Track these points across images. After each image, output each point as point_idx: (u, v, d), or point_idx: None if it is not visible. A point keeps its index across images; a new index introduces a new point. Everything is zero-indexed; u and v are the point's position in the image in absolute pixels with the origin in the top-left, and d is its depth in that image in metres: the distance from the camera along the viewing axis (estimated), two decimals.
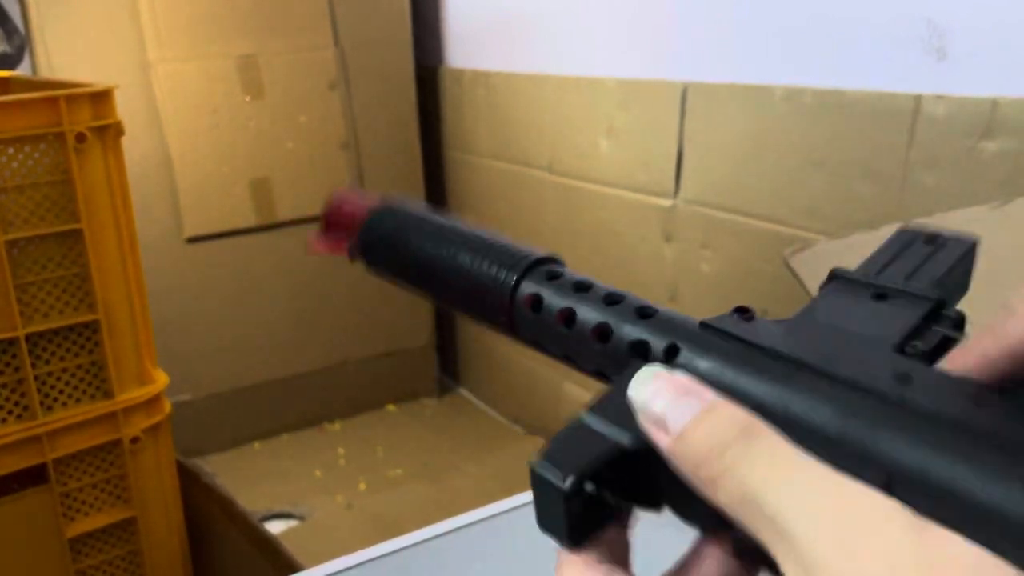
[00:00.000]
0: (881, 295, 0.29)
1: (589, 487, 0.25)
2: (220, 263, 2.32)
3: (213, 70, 2.22)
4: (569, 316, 0.32)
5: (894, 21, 1.36)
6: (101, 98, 1.13)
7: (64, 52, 2.05)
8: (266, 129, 2.30)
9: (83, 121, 1.11)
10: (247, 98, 2.27)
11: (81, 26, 2.06)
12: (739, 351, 0.27)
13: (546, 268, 0.34)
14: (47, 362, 1.16)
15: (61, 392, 1.18)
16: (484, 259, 0.34)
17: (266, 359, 2.44)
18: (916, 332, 0.27)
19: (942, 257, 0.31)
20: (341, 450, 2.43)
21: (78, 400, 1.19)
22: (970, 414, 0.23)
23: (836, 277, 0.31)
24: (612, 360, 0.31)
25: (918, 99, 1.32)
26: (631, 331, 0.30)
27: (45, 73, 2.04)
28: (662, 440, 0.23)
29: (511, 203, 2.37)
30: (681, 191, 1.77)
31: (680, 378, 0.24)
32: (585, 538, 0.26)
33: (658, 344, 0.30)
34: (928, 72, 1.32)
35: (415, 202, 0.39)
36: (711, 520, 0.24)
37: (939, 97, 1.30)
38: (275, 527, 2.05)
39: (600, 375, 0.32)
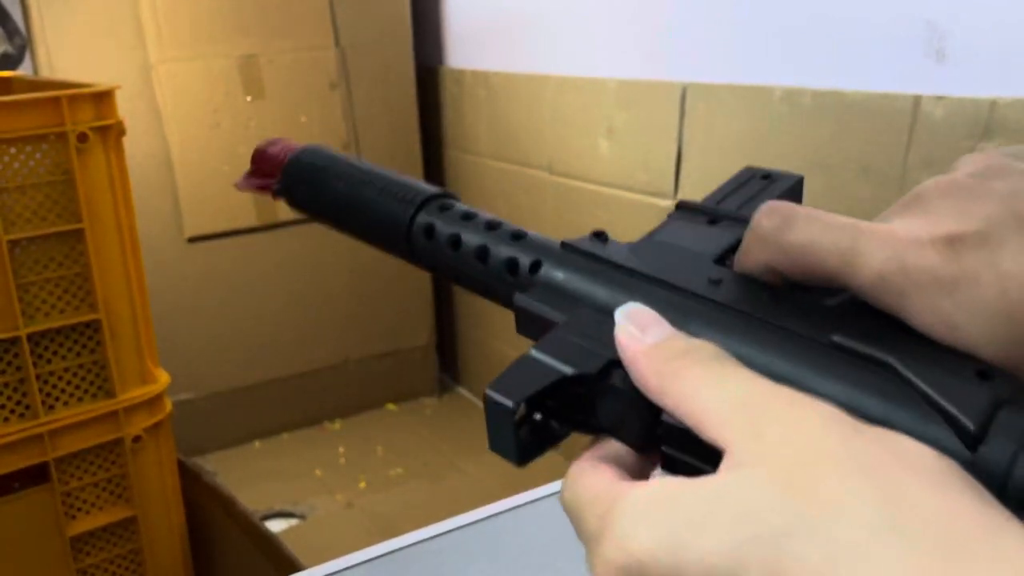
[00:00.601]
0: (713, 220, 0.35)
1: (535, 414, 0.29)
2: (221, 263, 2.32)
3: (214, 70, 2.22)
4: (455, 241, 0.37)
5: (893, 22, 1.36)
6: (103, 98, 1.14)
7: (65, 52, 2.05)
8: (267, 129, 2.30)
9: (85, 121, 1.12)
10: (248, 98, 2.27)
11: (82, 26, 2.07)
12: (589, 265, 0.33)
13: (440, 202, 0.39)
14: (49, 361, 1.17)
15: (63, 391, 1.18)
16: (388, 195, 0.39)
17: (267, 358, 2.44)
18: (735, 248, 0.32)
19: (772, 189, 0.36)
20: (341, 449, 2.43)
21: (79, 399, 1.20)
22: (767, 309, 0.29)
23: (680, 206, 0.37)
24: (492, 277, 0.36)
25: (917, 100, 1.33)
26: (505, 251, 0.36)
27: (46, 73, 2.04)
28: (634, 347, 0.28)
29: (511, 203, 2.37)
30: (680, 191, 1.77)
31: (654, 314, 0.29)
32: (531, 457, 0.30)
33: (525, 261, 0.35)
34: (927, 73, 1.32)
35: (332, 149, 0.43)
36: (642, 436, 0.28)
37: (938, 98, 1.30)
38: (275, 526, 2.06)
39: (484, 293, 0.37)
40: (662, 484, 0.24)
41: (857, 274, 0.27)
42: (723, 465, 0.24)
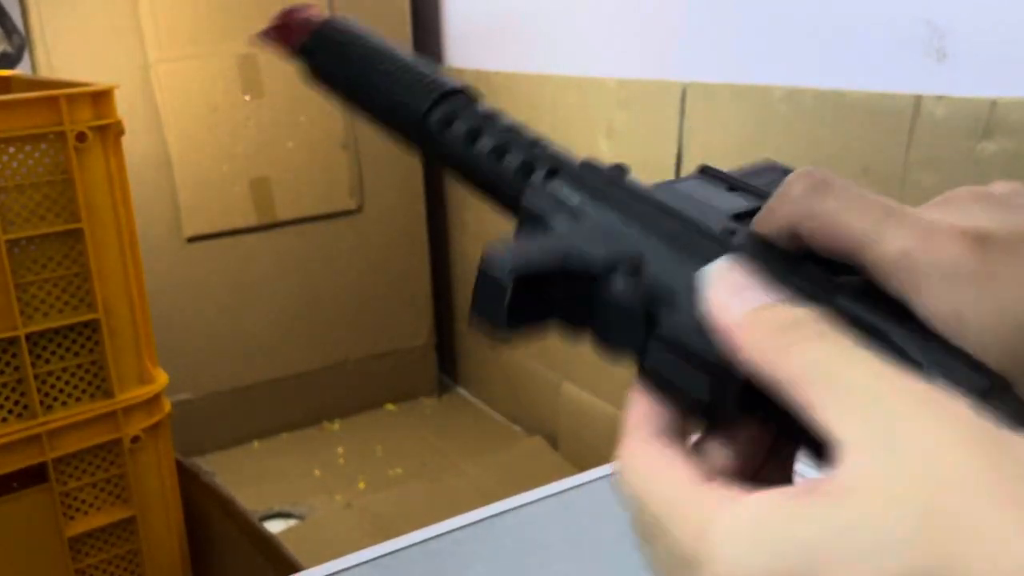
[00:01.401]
0: (733, 188, 0.34)
1: (528, 285, 0.28)
2: (220, 262, 2.32)
3: (213, 69, 2.22)
4: (473, 135, 0.37)
5: (894, 22, 1.36)
6: (101, 97, 1.14)
7: (64, 51, 2.05)
8: (266, 129, 2.30)
9: (83, 120, 1.12)
10: (247, 97, 2.27)
11: (81, 25, 2.06)
12: (606, 188, 0.32)
13: (463, 96, 0.39)
14: (47, 361, 1.16)
15: (61, 391, 1.18)
16: (413, 78, 0.39)
17: (266, 358, 2.44)
18: (751, 213, 0.31)
19: None
20: (340, 449, 2.43)
21: (78, 399, 1.20)
22: (775, 268, 0.27)
23: (704, 170, 0.35)
24: (503, 179, 0.35)
25: (918, 100, 1.32)
26: (522, 154, 0.35)
27: (45, 73, 2.04)
28: (728, 316, 0.26)
29: None
30: None
31: (748, 275, 0.27)
32: (518, 326, 0.29)
33: (542, 167, 0.34)
34: (928, 73, 1.32)
35: (365, 26, 0.44)
36: (638, 343, 0.28)
37: (939, 98, 1.30)
38: (274, 526, 2.06)
39: (491, 193, 0.36)
40: (770, 504, 0.22)
41: (880, 248, 0.26)
42: (844, 472, 0.21)
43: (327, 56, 0.43)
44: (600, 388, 2.14)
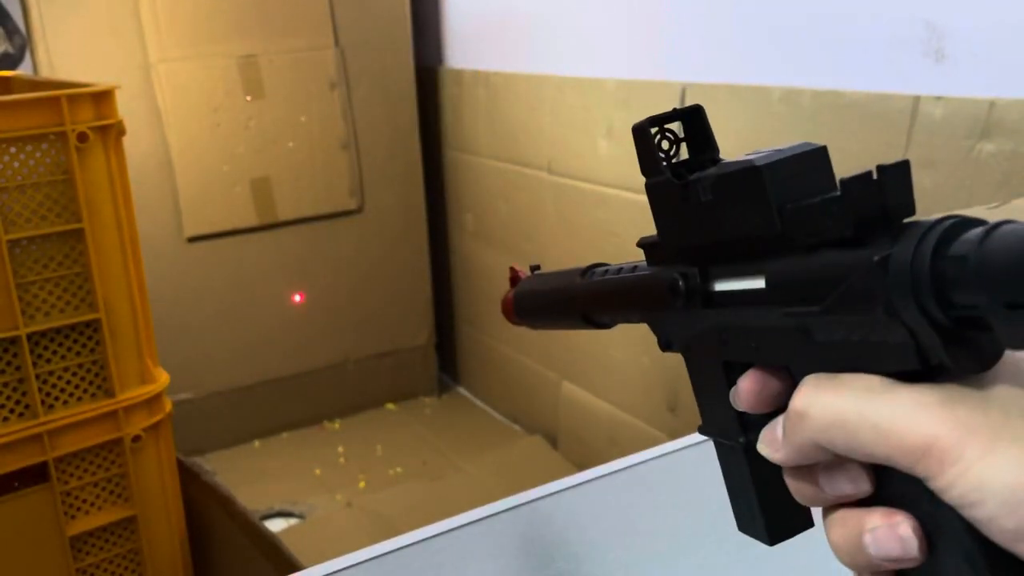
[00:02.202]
0: None
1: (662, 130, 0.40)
2: (220, 262, 2.32)
3: (214, 70, 2.22)
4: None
5: (892, 23, 1.36)
6: (102, 98, 1.14)
7: (65, 52, 2.05)
8: (266, 129, 2.31)
9: (85, 121, 1.12)
10: (248, 98, 2.27)
11: (82, 26, 2.07)
12: None
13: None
14: (48, 361, 1.17)
15: (62, 391, 1.18)
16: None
17: (266, 358, 2.44)
18: None
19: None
20: (341, 449, 2.43)
21: (79, 399, 1.20)
22: None
23: None
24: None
25: (916, 100, 1.33)
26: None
27: (46, 73, 2.04)
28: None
29: (510, 203, 2.37)
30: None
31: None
32: (657, 160, 0.40)
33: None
34: (926, 73, 1.32)
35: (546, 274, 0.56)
36: None
37: (937, 98, 1.30)
38: (275, 525, 2.06)
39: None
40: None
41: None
42: None
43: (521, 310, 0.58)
44: (600, 388, 2.14)
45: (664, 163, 0.38)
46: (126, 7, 2.10)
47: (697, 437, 0.89)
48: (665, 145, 0.39)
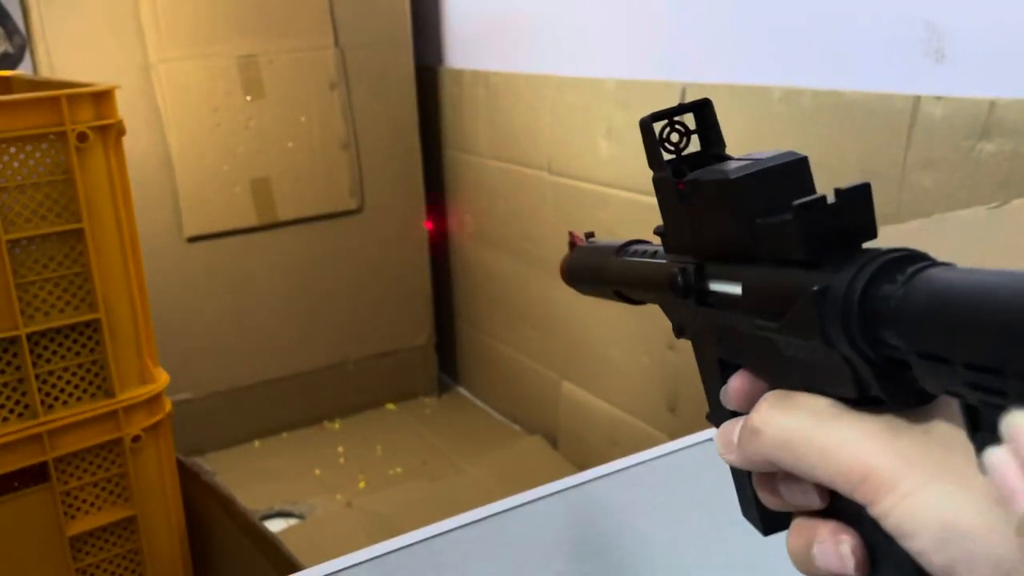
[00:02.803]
0: None
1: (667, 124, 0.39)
2: (220, 262, 2.32)
3: (214, 70, 2.22)
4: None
5: (893, 23, 1.36)
6: (102, 98, 1.14)
7: (65, 52, 2.05)
8: (266, 129, 2.30)
9: (85, 121, 1.12)
10: (248, 98, 2.27)
11: (82, 26, 2.07)
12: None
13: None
14: (48, 361, 1.17)
15: (62, 391, 1.18)
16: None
17: (266, 358, 2.44)
18: None
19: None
20: (341, 449, 2.43)
21: (79, 399, 1.20)
22: None
23: None
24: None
25: (916, 100, 1.33)
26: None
27: (46, 73, 2.04)
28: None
29: (510, 203, 2.37)
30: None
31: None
32: (661, 156, 0.39)
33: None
34: (926, 73, 1.32)
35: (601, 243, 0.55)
36: None
37: (937, 98, 1.30)
38: (275, 525, 2.06)
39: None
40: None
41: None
42: None
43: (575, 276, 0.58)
44: (600, 388, 2.14)
45: (670, 157, 0.39)
46: (126, 7, 2.10)
47: (697, 437, 0.89)
48: (675, 138, 0.39)
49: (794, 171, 0.33)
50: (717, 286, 0.37)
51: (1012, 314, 0.23)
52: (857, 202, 0.30)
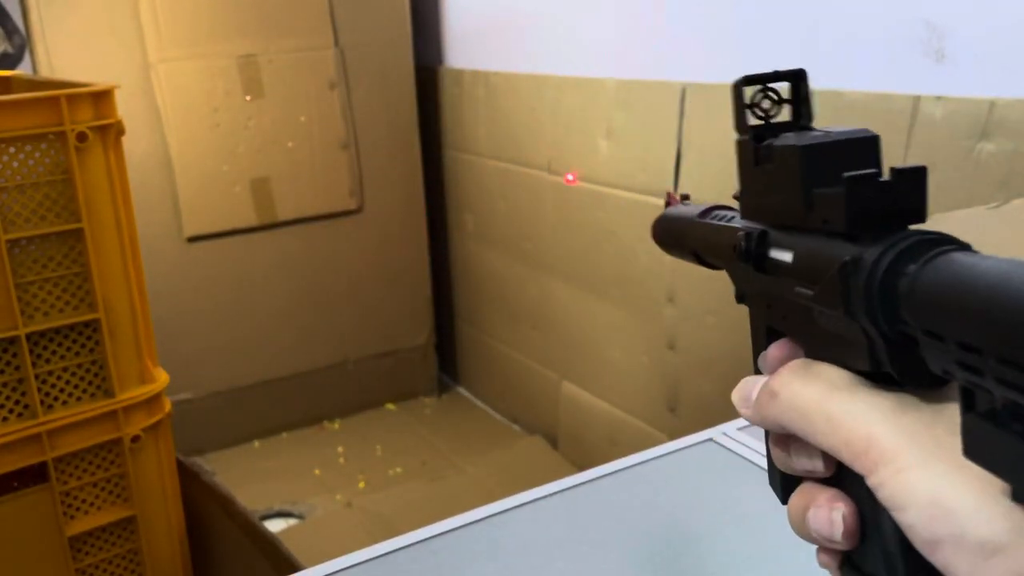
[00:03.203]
0: None
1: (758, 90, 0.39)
2: (220, 262, 2.32)
3: (214, 70, 2.22)
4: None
5: (893, 23, 1.36)
6: (102, 98, 1.14)
7: (64, 52, 2.05)
8: (266, 129, 2.30)
9: (84, 120, 1.12)
10: (247, 98, 2.27)
11: (82, 26, 2.07)
12: None
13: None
14: (48, 361, 1.17)
15: (62, 391, 1.18)
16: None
17: (266, 358, 2.44)
18: None
19: None
20: (341, 449, 2.43)
21: (79, 399, 1.20)
22: None
23: None
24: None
25: (916, 100, 1.33)
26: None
27: (45, 73, 2.04)
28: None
29: (510, 203, 2.37)
30: (680, 191, 1.77)
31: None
32: (745, 120, 0.39)
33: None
34: (927, 73, 1.32)
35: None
36: None
37: (937, 98, 1.30)
38: (275, 525, 2.06)
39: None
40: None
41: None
42: None
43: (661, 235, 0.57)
44: (600, 388, 2.14)
45: (757, 123, 0.39)
46: (125, 7, 2.10)
47: (697, 437, 0.89)
48: (766, 104, 0.39)
49: (863, 147, 0.34)
50: (775, 253, 0.38)
51: (995, 299, 0.24)
52: (911, 183, 0.31)
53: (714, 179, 1.70)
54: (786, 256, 0.36)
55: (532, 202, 2.27)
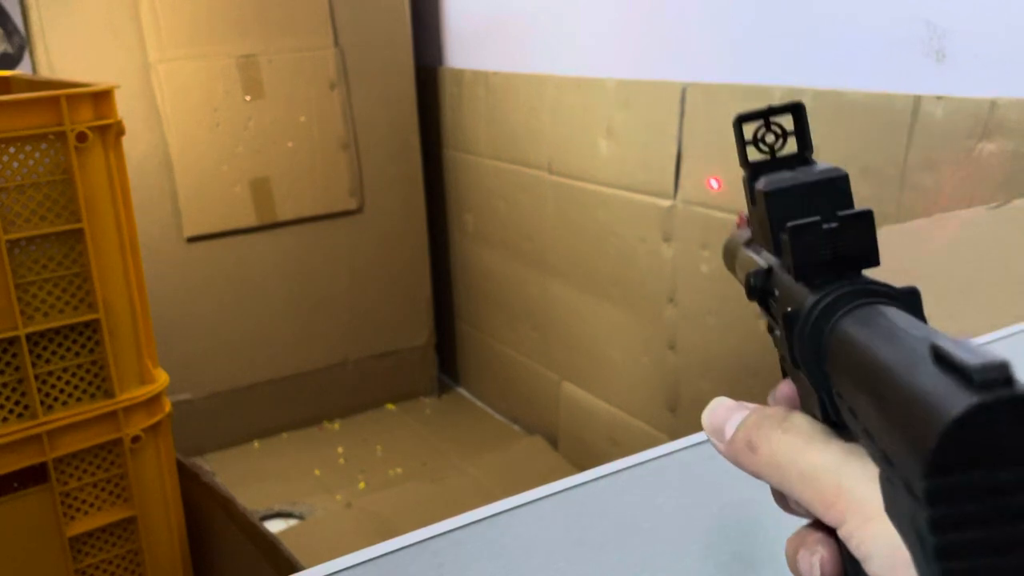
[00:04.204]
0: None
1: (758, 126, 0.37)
2: (220, 263, 2.32)
3: (213, 70, 2.22)
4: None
5: (893, 22, 1.36)
6: (102, 98, 1.14)
7: (64, 52, 2.05)
8: (266, 129, 2.30)
9: (84, 120, 1.12)
10: (247, 98, 2.27)
11: (81, 26, 2.07)
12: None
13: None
14: (48, 361, 1.17)
15: (61, 391, 1.18)
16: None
17: (266, 358, 2.44)
18: None
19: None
20: (341, 449, 2.43)
21: (79, 399, 1.20)
22: None
23: None
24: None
25: (917, 100, 1.33)
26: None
27: (45, 73, 2.04)
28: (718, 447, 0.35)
29: (511, 203, 2.37)
30: (680, 191, 1.77)
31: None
32: (745, 156, 0.37)
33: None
34: (927, 73, 1.32)
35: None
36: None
37: (938, 98, 1.30)
38: (275, 526, 2.06)
39: None
40: None
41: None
42: None
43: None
44: (600, 388, 2.14)
45: (762, 159, 0.39)
46: (125, 7, 2.10)
47: (697, 437, 0.89)
48: (770, 139, 0.39)
49: (830, 187, 0.34)
50: (777, 291, 0.38)
51: (864, 366, 0.25)
52: (857, 228, 0.31)
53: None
54: (777, 293, 0.36)
55: (532, 202, 2.27)
